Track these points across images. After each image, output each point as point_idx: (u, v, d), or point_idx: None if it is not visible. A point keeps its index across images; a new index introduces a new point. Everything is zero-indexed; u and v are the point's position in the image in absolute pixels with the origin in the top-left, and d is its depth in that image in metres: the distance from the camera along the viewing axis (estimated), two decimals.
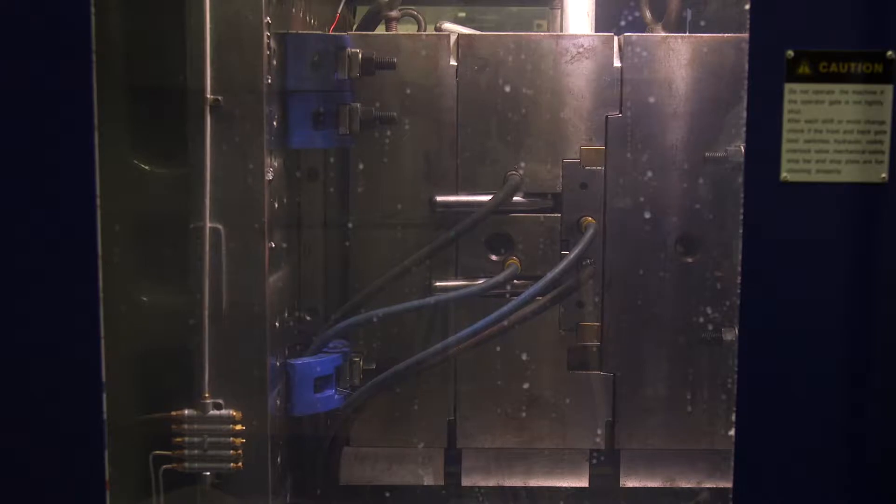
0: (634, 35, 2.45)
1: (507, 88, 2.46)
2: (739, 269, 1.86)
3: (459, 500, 2.59)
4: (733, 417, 1.88)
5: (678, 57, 2.43)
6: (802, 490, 1.90)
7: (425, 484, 2.56)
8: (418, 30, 2.65)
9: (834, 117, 1.84)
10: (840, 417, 1.88)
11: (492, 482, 2.58)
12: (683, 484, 2.55)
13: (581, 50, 2.45)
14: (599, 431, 2.53)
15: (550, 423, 2.53)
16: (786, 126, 1.84)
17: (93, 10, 1.80)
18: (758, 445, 1.88)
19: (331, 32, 2.54)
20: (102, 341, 1.86)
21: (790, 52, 1.82)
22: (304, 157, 2.48)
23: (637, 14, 2.65)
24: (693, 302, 2.47)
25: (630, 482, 2.56)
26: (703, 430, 2.50)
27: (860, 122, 1.83)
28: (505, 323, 2.43)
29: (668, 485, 2.56)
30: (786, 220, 1.85)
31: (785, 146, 1.84)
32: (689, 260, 2.48)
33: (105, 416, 1.88)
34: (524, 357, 2.52)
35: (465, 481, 2.57)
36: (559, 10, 2.66)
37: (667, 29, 2.58)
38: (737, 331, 1.88)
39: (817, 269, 1.86)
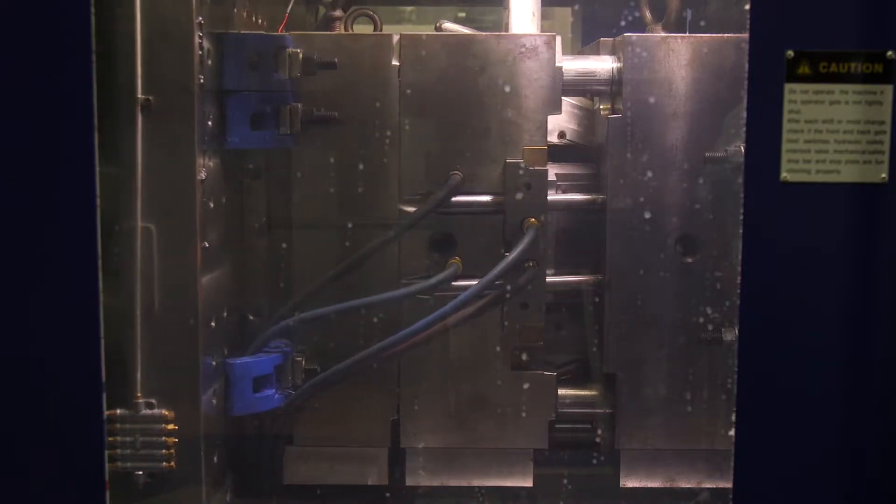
0: (634, 35, 2.45)
1: (450, 88, 2.45)
2: (739, 269, 1.86)
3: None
4: (733, 417, 1.88)
5: (678, 57, 2.43)
6: (802, 490, 1.90)
7: (369, 483, 2.56)
8: (374, 30, 2.64)
9: (834, 117, 1.84)
10: (840, 417, 1.88)
11: (436, 482, 2.57)
12: (683, 484, 2.55)
13: (524, 50, 2.45)
14: (543, 431, 2.53)
15: (494, 422, 2.53)
16: (786, 126, 1.84)
17: (93, 10, 1.80)
18: (758, 445, 1.88)
19: (279, 32, 2.53)
20: (102, 341, 1.87)
21: (790, 52, 1.82)
22: (248, 157, 2.47)
23: (637, 14, 2.65)
24: (693, 302, 2.47)
25: (630, 482, 2.56)
26: (703, 430, 2.50)
27: (860, 122, 1.84)
28: (447, 323, 2.43)
29: (668, 485, 2.55)
30: (786, 220, 1.85)
31: (785, 146, 1.84)
32: (689, 260, 2.48)
33: (105, 416, 1.88)
34: (468, 357, 2.51)
35: (409, 481, 2.56)
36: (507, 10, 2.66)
37: (667, 29, 2.58)
38: (737, 331, 1.88)
39: (817, 269, 1.86)
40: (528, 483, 2.56)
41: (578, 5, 3.59)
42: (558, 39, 2.46)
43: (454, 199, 2.47)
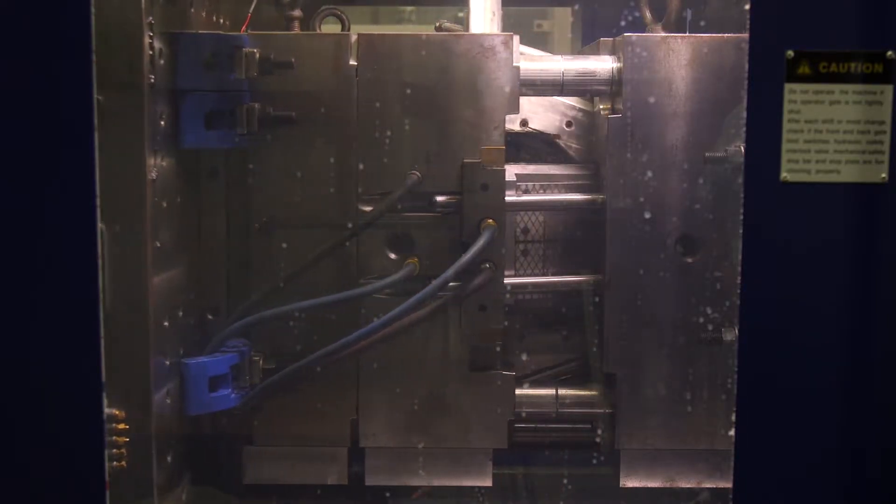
0: (634, 35, 2.45)
1: (408, 88, 2.45)
2: (739, 269, 1.86)
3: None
4: (733, 417, 1.88)
5: (678, 57, 2.43)
6: (802, 490, 1.90)
7: (329, 483, 2.55)
8: (343, 30, 2.64)
9: (834, 117, 1.84)
10: (840, 417, 1.88)
11: (395, 481, 2.57)
12: (683, 484, 2.55)
13: (481, 50, 2.45)
14: (502, 431, 2.53)
15: (453, 422, 2.53)
16: (786, 126, 1.84)
17: (93, 10, 1.80)
18: (758, 445, 1.88)
19: (241, 32, 2.53)
20: (102, 341, 1.87)
21: (790, 52, 1.82)
22: (206, 157, 2.47)
23: (637, 14, 2.65)
24: (693, 302, 2.47)
25: (630, 482, 2.56)
26: (703, 430, 2.50)
27: (860, 122, 1.84)
28: (406, 322, 2.43)
29: (668, 485, 2.56)
30: (786, 220, 1.85)
31: (785, 146, 1.84)
32: (689, 260, 2.48)
33: (105, 416, 1.88)
34: (428, 357, 2.51)
35: (369, 480, 2.56)
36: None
37: (667, 29, 2.58)
38: (737, 331, 1.88)
39: (817, 269, 1.86)
40: (488, 483, 2.57)
41: (578, 5, 3.59)
42: (516, 39, 2.45)
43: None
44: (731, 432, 1.89)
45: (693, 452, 2.53)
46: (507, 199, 2.56)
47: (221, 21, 2.56)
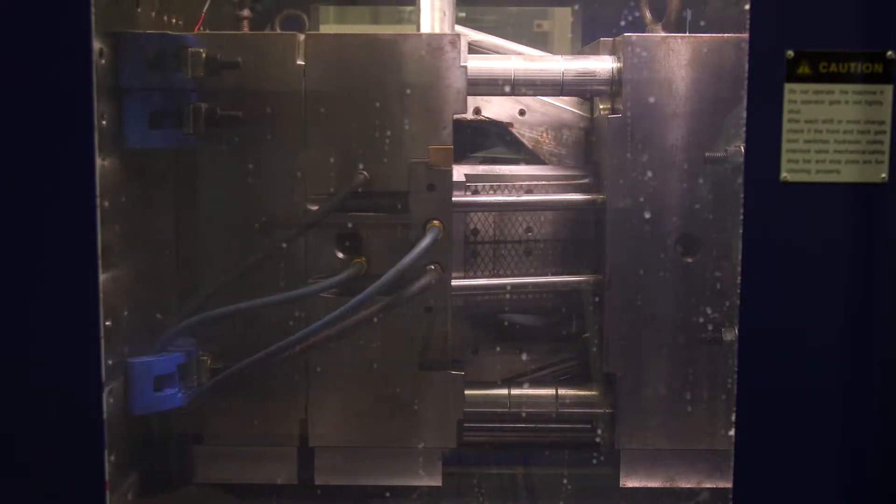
0: (634, 35, 2.45)
1: (356, 88, 2.44)
2: (739, 269, 1.86)
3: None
4: (733, 417, 1.88)
5: (678, 57, 2.43)
6: (802, 490, 1.90)
7: (279, 483, 2.55)
8: (302, 30, 2.64)
9: (834, 117, 1.84)
10: (840, 417, 1.88)
11: (345, 481, 2.57)
12: (683, 484, 2.55)
13: (428, 49, 2.44)
14: (452, 430, 2.53)
15: (403, 422, 2.52)
16: (786, 126, 1.84)
17: (93, 10, 1.81)
18: (758, 445, 1.89)
19: (195, 32, 2.52)
20: (102, 341, 1.87)
21: (790, 52, 1.83)
22: (154, 157, 2.44)
23: (637, 14, 2.65)
24: (693, 302, 2.47)
25: (630, 482, 2.56)
26: (703, 430, 2.50)
27: (860, 122, 1.84)
28: (354, 321, 2.41)
29: (668, 485, 2.56)
30: (786, 220, 1.86)
31: (785, 146, 1.84)
32: (689, 260, 2.48)
33: (105, 416, 1.88)
34: (377, 356, 2.51)
35: (319, 480, 2.56)
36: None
37: (667, 29, 2.58)
38: (737, 331, 1.88)
39: (817, 269, 1.86)
40: (438, 482, 2.56)
41: (578, 5, 3.59)
42: (464, 39, 2.45)
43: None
44: (731, 432, 1.89)
45: (693, 452, 2.53)
46: (506, 199, 2.57)
47: (174, 21, 2.55)
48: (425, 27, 2.60)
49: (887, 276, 1.85)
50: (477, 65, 2.50)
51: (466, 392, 2.57)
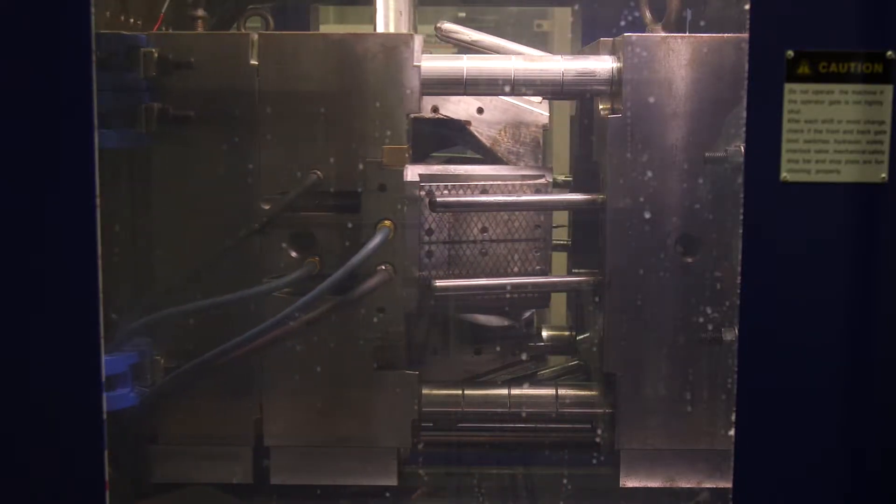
0: (634, 35, 2.45)
1: (309, 88, 2.44)
2: (739, 269, 1.86)
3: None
4: (733, 417, 1.88)
5: (678, 57, 2.43)
6: (802, 490, 1.90)
7: (234, 482, 2.55)
8: (266, 29, 2.63)
9: (834, 117, 1.84)
10: (839, 417, 1.88)
11: (301, 480, 2.56)
12: (683, 484, 2.55)
13: (382, 49, 2.44)
14: (406, 430, 2.53)
15: (358, 421, 2.52)
16: (786, 126, 1.84)
17: (93, 9, 1.81)
18: (758, 445, 1.89)
19: (153, 32, 2.52)
20: (102, 341, 1.87)
21: (790, 52, 1.83)
22: (108, 157, 2.44)
23: (637, 14, 2.65)
24: (693, 302, 2.47)
25: (630, 482, 2.56)
26: (703, 430, 2.50)
27: (860, 122, 1.84)
28: (307, 321, 2.41)
29: (668, 485, 2.55)
30: (786, 220, 1.86)
31: (785, 146, 1.84)
32: (689, 260, 2.48)
33: (105, 416, 1.88)
34: (332, 355, 2.50)
35: (274, 479, 2.55)
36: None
37: (667, 29, 2.58)
38: (737, 331, 1.88)
39: (817, 269, 1.86)
40: (393, 482, 2.56)
41: (578, 5, 3.59)
42: (418, 39, 2.45)
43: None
44: (731, 432, 1.89)
45: (693, 452, 2.53)
46: (506, 199, 2.56)
47: (132, 21, 2.55)
48: (381, 26, 2.61)
49: (887, 277, 1.85)
50: (477, 65, 2.51)
51: (468, 392, 2.57)
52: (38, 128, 1.82)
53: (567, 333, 2.94)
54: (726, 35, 2.44)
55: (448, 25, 2.66)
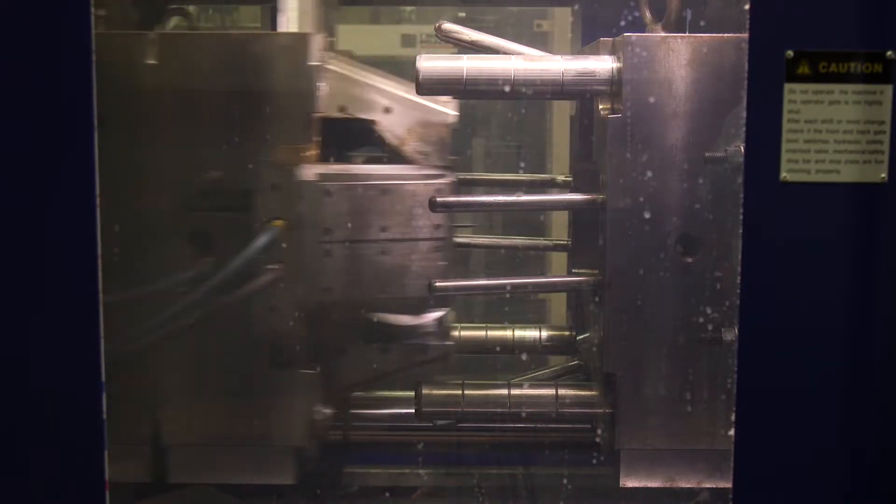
0: (634, 35, 2.45)
1: (207, 87, 2.44)
2: (739, 269, 1.86)
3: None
4: (733, 417, 1.88)
5: (678, 57, 2.43)
6: (802, 490, 1.90)
7: (134, 481, 2.55)
8: (190, 27, 2.63)
9: (834, 117, 1.84)
10: (840, 417, 1.88)
11: (199, 479, 2.57)
12: (683, 484, 2.55)
13: (279, 48, 2.44)
14: (304, 429, 2.53)
15: (255, 420, 2.52)
16: (785, 126, 1.84)
17: (93, 9, 1.81)
18: (758, 445, 1.89)
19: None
20: (102, 341, 1.87)
21: (790, 52, 1.83)
22: None
23: (637, 14, 2.65)
24: (693, 302, 2.47)
25: (630, 482, 2.56)
26: (703, 430, 2.50)
27: (860, 122, 1.84)
28: (199, 319, 2.41)
29: (668, 485, 2.56)
30: (786, 220, 1.86)
31: (785, 146, 1.84)
32: (689, 260, 2.48)
33: (105, 416, 1.88)
34: (228, 354, 2.50)
35: (173, 478, 2.55)
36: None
37: (667, 29, 2.58)
38: (737, 331, 1.88)
39: (817, 269, 1.86)
40: (291, 481, 2.56)
41: (578, 5, 3.59)
42: (315, 38, 2.45)
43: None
44: (731, 432, 1.89)
45: (693, 452, 2.53)
46: (506, 199, 2.56)
47: None
48: (282, 26, 2.60)
49: (887, 276, 1.85)
50: (476, 65, 2.51)
51: (468, 392, 2.57)
52: (38, 128, 1.82)
53: (567, 333, 2.94)
54: (726, 35, 2.44)
55: (448, 25, 2.65)
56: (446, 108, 2.68)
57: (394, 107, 2.64)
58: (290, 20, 2.61)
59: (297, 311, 2.48)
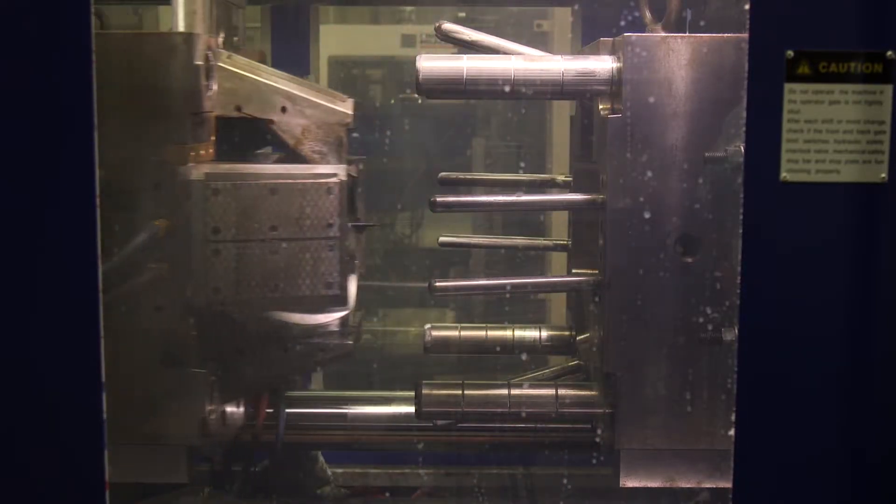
0: (634, 35, 2.45)
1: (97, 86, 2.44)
2: (739, 269, 1.86)
3: None
4: (733, 417, 1.88)
5: (678, 57, 2.43)
6: (802, 490, 1.90)
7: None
8: (101, 28, 2.62)
9: (834, 117, 1.84)
10: (839, 417, 1.88)
11: None
12: (683, 484, 2.55)
13: (164, 48, 2.44)
14: (194, 428, 2.52)
15: (146, 419, 2.51)
16: (785, 126, 1.84)
17: (93, 10, 1.81)
18: (758, 445, 1.89)
19: None
20: (102, 341, 1.87)
21: (790, 52, 1.83)
22: None
23: (637, 14, 2.65)
24: (693, 302, 2.47)
25: (630, 482, 2.56)
26: (703, 430, 2.50)
27: (860, 122, 1.84)
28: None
29: (668, 485, 2.56)
30: (785, 220, 1.86)
31: (785, 146, 1.84)
32: (689, 260, 2.48)
33: (105, 415, 1.88)
34: (119, 353, 2.49)
35: None
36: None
37: (667, 29, 2.58)
38: (737, 331, 1.88)
39: (817, 269, 1.86)
40: (184, 480, 2.55)
41: (578, 5, 3.60)
42: (201, 39, 2.45)
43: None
44: (731, 432, 1.89)
45: (693, 452, 2.53)
46: (506, 199, 2.56)
47: None
48: (181, 26, 2.60)
49: (887, 276, 1.85)
50: (476, 65, 2.50)
51: (468, 392, 2.57)
52: (38, 128, 1.82)
53: (567, 333, 2.94)
54: (726, 35, 2.44)
55: (448, 25, 2.65)
56: (343, 108, 2.68)
57: (290, 106, 2.64)
58: (179, 20, 2.60)
59: (185, 310, 2.47)
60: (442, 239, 3.01)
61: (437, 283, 2.53)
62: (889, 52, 1.82)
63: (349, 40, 5.97)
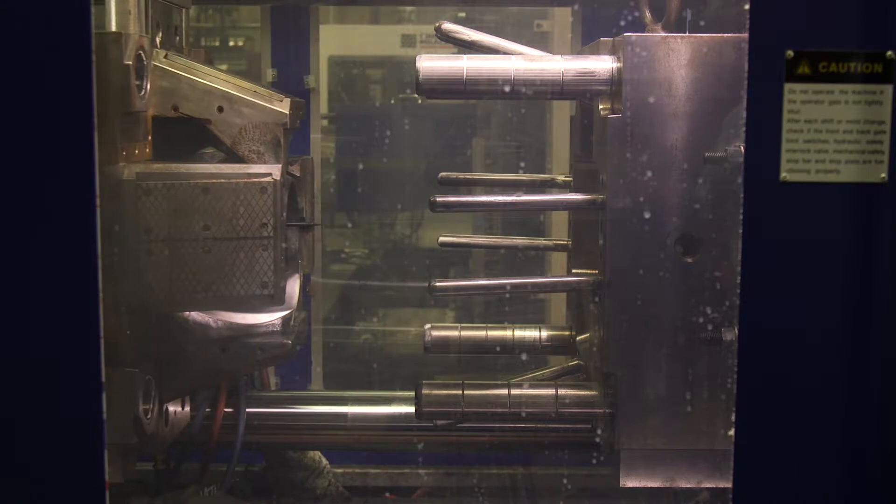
0: (634, 35, 2.45)
1: None
2: (739, 269, 1.86)
3: None
4: (733, 417, 1.88)
5: (678, 57, 2.43)
6: (802, 490, 1.90)
7: None
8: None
9: (834, 117, 1.84)
10: (839, 417, 1.88)
11: None
12: (683, 484, 2.55)
13: (94, 48, 2.45)
14: (128, 427, 2.51)
15: None
16: (785, 126, 1.84)
17: (92, 10, 1.81)
18: (758, 445, 1.89)
19: None
20: (102, 341, 1.87)
21: (790, 52, 1.83)
22: None
23: (637, 14, 2.65)
24: (693, 302, 2.47)
25: (630, 482, 2.56)
26: (703, 430, 2.50)
27: (860, 122, 1.84)
28: None
29: (668, 485, 2.56)
30: (785, 220, 1.86)
31: (785, 146, 1.84)
32: (689, 260, 2.48)
33: (105, 416, 1.88)
34: None
35: None
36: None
37: (667, 29, 2.58)
38: (737, 331, 1.88)
39: (817, 269, 1.86)
40: (118, 479, 2.53)
41: (578, 5, 3.60)
42: (131, 39, 2.45)
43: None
44: (731, 432, 1.89)
45: (693, 452, 2.53)
46: (505, 199, 2.56)
47: None
48: (117, 26, 2.58)
49: (887, 276, 1.85)
50: (476, 65, 2.51)
51: (468, 392, 2.57)
52: (38, 128, 1.82)
53: (567, 333, 2.94)
54: (726, 35, 2.44)
55: (448, 25, 2.65)
56: (280, 108, 2.68)
57: (227, 106, 2.64)
58: (111, 19, 2.59)
59: (117, 309, 2.45)
60: (442, 239, 3.02)
61: (437, 283, 2.53)
62: (889, 52, 1.82)
63: (349, 40, 5.97)
